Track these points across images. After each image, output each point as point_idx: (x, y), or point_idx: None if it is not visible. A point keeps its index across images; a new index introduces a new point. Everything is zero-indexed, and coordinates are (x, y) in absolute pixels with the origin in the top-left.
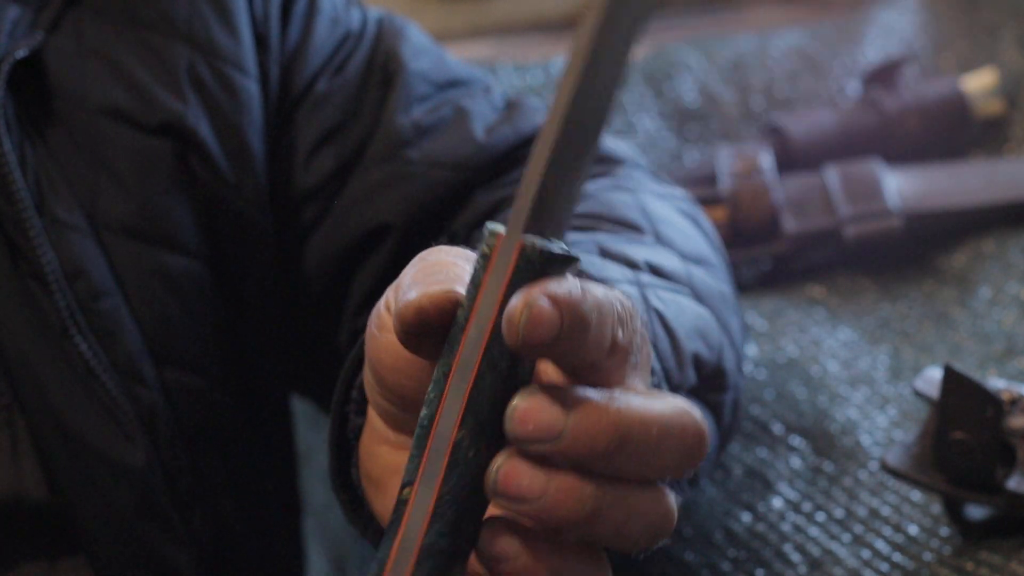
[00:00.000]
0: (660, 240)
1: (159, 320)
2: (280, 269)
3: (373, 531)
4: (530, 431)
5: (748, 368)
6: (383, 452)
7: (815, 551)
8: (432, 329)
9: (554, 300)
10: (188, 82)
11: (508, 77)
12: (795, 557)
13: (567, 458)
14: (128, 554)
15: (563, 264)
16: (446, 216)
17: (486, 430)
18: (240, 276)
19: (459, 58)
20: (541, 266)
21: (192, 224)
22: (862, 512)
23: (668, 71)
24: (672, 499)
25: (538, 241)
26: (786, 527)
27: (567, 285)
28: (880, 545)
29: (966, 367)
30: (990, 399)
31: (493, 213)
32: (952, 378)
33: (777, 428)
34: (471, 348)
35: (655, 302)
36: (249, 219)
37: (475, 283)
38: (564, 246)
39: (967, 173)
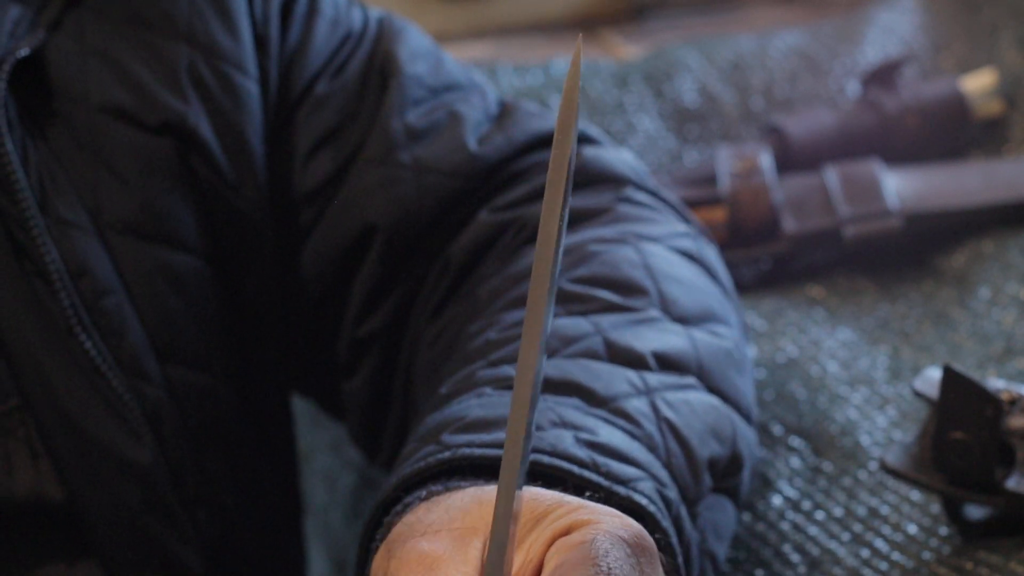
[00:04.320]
0: (664, 302)
1: (163, 317)
2: (280, 269)
3: None
4: None
5: None
6: None
7: (814, 550)
8: None
9: None
10: (189, 82)
11: (508, 78)
12: (794, 557)
13: None
14: (137, 551)
15: None
16: (440, 229)
17: None
18: (241, 274)
19: (459, 58)
20: None
21: (194, 222)
22: (861, 511)
23: (668, 71)
24: None
25: None
26: (785, 526)
27: None
28: (879, 544)
29: (965, 367)
30: (989, 399)
31: (494, 240)
32: (951, 378)
33: (777, 429)
34: None
35: (665, 411)
36: (249, 218)
37: None
38: None
39: (967, 173)
